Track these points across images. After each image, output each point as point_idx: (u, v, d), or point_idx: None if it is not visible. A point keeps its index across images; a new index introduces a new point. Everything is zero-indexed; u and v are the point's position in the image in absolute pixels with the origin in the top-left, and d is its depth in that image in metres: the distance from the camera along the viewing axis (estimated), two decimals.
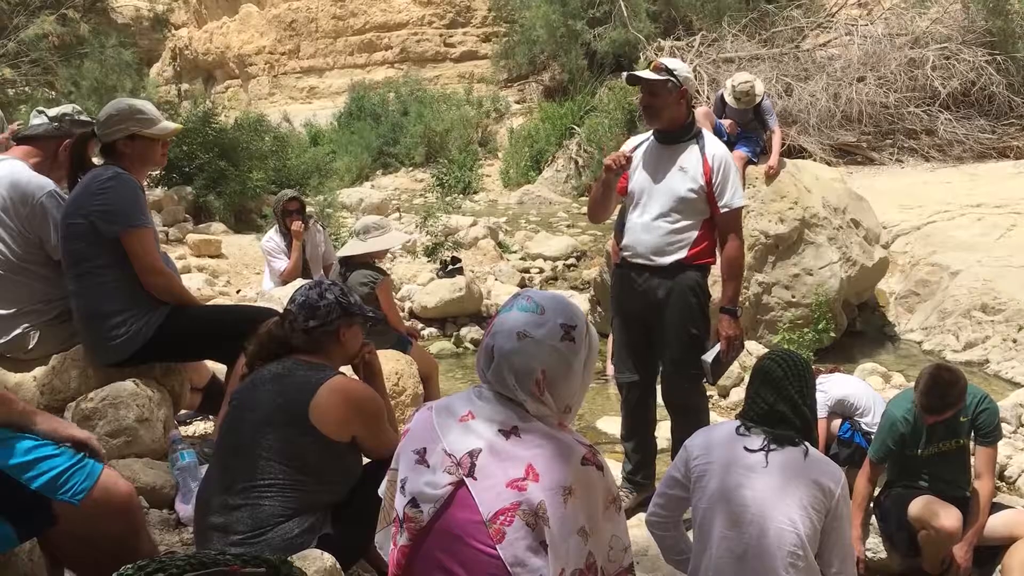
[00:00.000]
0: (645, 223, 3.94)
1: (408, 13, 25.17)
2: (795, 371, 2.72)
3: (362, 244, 5.20)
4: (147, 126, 3.45)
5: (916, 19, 14.58)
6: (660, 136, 4.01)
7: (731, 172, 3.92)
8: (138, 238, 3.32)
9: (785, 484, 2.54)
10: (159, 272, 3.39)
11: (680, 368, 3.99)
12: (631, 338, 4.12)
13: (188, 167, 11.62)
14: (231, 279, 9.08)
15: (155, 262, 3.38)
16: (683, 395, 4.06)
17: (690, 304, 3.93)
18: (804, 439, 2.66)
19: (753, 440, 2.65)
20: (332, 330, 2.70)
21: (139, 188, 3.43)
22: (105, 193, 3.29)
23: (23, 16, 13.85)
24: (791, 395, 2.68)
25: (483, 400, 1.91)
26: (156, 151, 3.55)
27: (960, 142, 12.71)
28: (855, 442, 4.69)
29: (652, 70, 3.90)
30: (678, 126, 3.95)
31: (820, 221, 7.04)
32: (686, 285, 3.91)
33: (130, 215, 3.31)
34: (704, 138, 3.99)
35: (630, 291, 4.04)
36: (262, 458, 2.43)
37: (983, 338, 6.88)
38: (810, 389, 2.75)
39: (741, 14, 16.44)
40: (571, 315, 1.93)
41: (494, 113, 21.27)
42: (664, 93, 3.87)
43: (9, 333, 3.54)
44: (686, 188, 3.86)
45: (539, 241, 10.77)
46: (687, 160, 3.91)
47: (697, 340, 3.98)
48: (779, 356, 2.82)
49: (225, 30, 28.23)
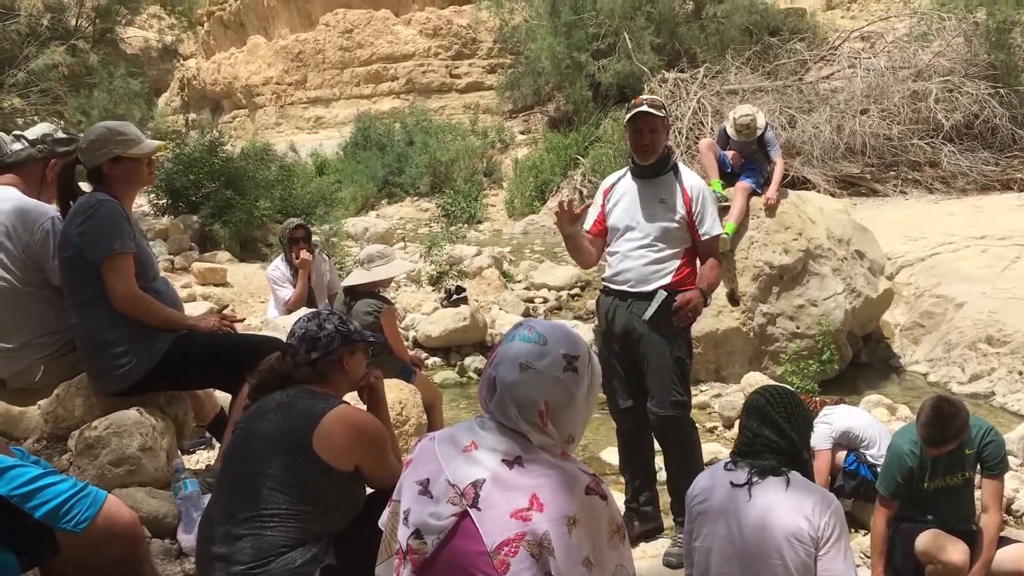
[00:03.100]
0: (628, 253, 4.05)
1: (414, 45, 25.40)
2: (779, 399, 2.75)
3: (366, 273, 5.22)
4: (129, 147, 3.43)
5: (919, 52, 14.66)
6: (639, 171, 4.12)
7: (709, 202, 4.08)
8: (112, 266, 3.27)
9: (767, 517, 2.54)
10: (135, 297, 3.30)
11: (664, 395, 4.01)
12: (621, 364, 4.16)
13: (195, 196, 11.67)
14: (236, 307, 9.09)
15: (127, 289, 3.28)
16: (668, 424, 4.06)
17: (671, 327, 3.98)
18: (792, 464, 2.65)
19: (739, 474, 2.67)
20: (335, 359, 2.71)
21: (120, 213, 3.36)
22: (86, 223, 3.29)
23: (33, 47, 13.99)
24: (776, 420, 2.70)
25: (486, 430, 1.91)
26: (142, 171, 3.54)
27: (964, 174, 12.72)
28: (860, 474, 4.67)
29: (649, 107, 3.99)
30: (658, 160, 4.06)
31: (824, 252, 7.04)
32: (669, 309, 3.96)
33: (104, 244, 3.26)
34: (680, 170, 4.11)
35: (615, 317, 4.11)
36: (265, 487, 2.42)
37: (989, 370, 6.86)
38: (798, 416, 2.75)
39: (744, 47, 16.58)
40: (574, 345, 1.93)
41: (499, 143, 21.38)
42: (663, 129, 4.05)
43: (17, 366, 3.55)
44: (668, 219, 3.99)
45: (543, 271, 10.77)
46: (666, 192, 4.03)
47: (680, 364, 4.03)
48: (764, 388, 2.89)
49: (233, 61, 28.50)
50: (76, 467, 3.27)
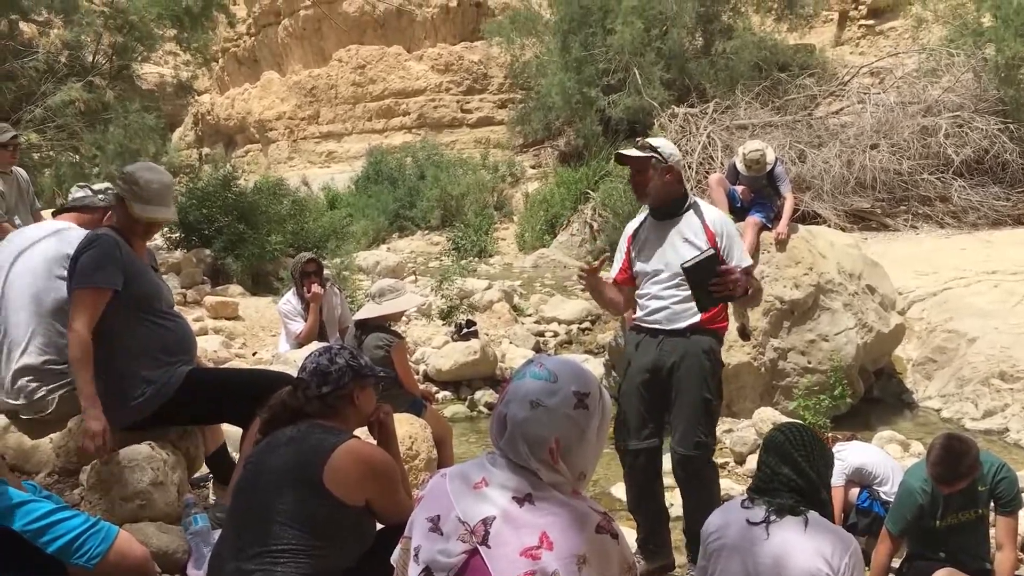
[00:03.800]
0: (658, 294, 4.01)
1: (426, 80, 25.64)
2: (799, 438, 2.72)
3: (377, 307, 5.24)
4: (135, 199, 3.43)
5: (928, 88, 14.71)
6: (656, 213, 4.12)
7: (734, 235, 4.04)
8: (81, 297, 3.28)
9: (784, 556, 2.51)
10: (73, 330, 3.25)
11: (688, 435, 3.93)
12: (642, 402, 4.06)
13: (207, 230, 11.76)
14: (247, 341, 9.11)
15: (83, 326, 3.25)
16: (688, 463, 3.97)
17: (703, 366, 3.94)
18: (811, 504, 2.63)
19: (756, 512, 2.64)
20: (346, 394, 2.72)
21: (113, 249, 3.35)
22: (81, 256, 3.34)
23: (51, 83, 14.18)
24: (795, 459, 2.67)
25: (497, 467, 1.91)
26: (137, 228, 3.51)
27: (975, 209, 12.72)
28: (874, 511, 4.63)
29: (639, 149, 4.01)
30: (671, 201, 4.05)
31: (835, 287, 7.04)
32: (700, 348, 3.94)
33: (84, 276, 3.29)
34: (700, 207, 4.08)
35: (644, 353, 4.05)
36: (276, 522, 2.42)
37: (1002, 406, 6.81)
38: (818, 456, 2.72)
39: (754, 82, 16.66)
40: (584, 382, 1.93)
41: (510, 177, 21.49)
42: (648, 170, 3.98)
43: (33, 395, 3.58)
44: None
45: (554, 305, 10.79)
46: (689, 230, 4.00)
47: (708, 405, 3.95)
48: (784, 425, 2.86)
49: (247, 96, 28.81)
50: (87, 501, 3.27)
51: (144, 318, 3.43)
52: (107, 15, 16.43)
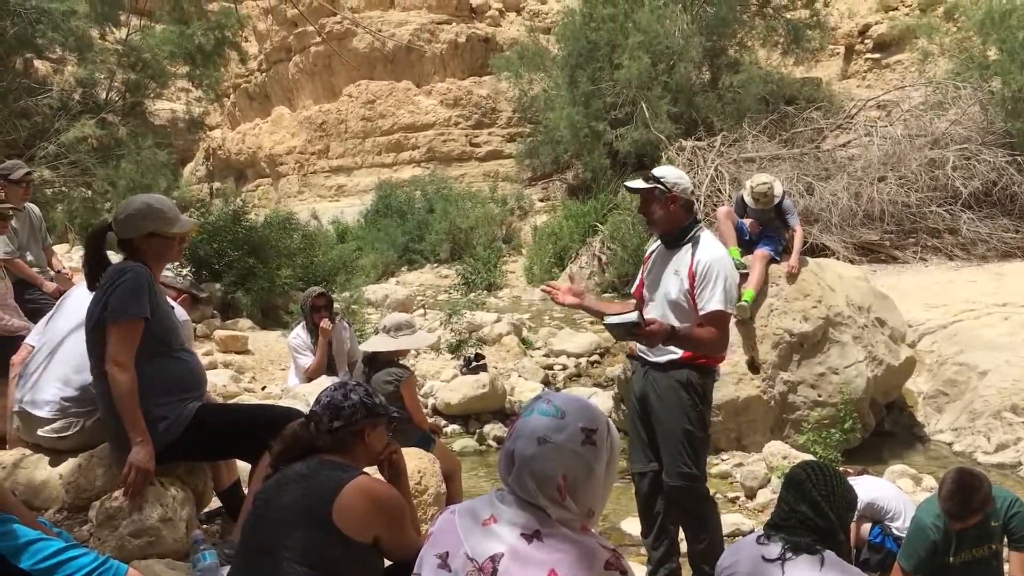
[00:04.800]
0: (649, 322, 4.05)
1: (435, 114, 25.85)
2: (820, 476, 2.70)
3: (392, 341, 5.23)
4: (168, 225, 3.48)
5: (935, 120, 14.77)
6: (663, 240, 4.18)
7: (714, 277, 3.90)
8: (118, 329, 3.27)
9: None
10: (118, 364, 3.24)
11: (671, 465, 4.02)
12: (643, 428, 4.20)
13: (217, 264, 11.83)
14: (256, 375, 9.13)
15: (118, 355, 3.24)
16: (677, 493, 4.05)
17: (681, 400, 3.97)
18: (827, 544, 2.60)
19: (771, 548, 2.62)
20: (357, 430, 2.72)
21: (146, 280, 3.37)
22: (114, 291, 3.31)
23: (64, 120, 14.36)
24: (813, 497, 2.65)
25: (505, 503, 1.91)
26: (173, 248, 3.58)
27: (984, 241, 12.71)
28: (886, 547, 4.59)
29: (644, 180, 4.09)
30: (675, 230, 4.08)
31: (844, 320, 7.02)
32: (677, 380, 3.99)
33: (119, 308, 3.28)
34: (700, 242, 4.03)
35: (636, 382, 4.23)
36: (284, 559, 2.41)
37: (1015, 440, 6.75)
38: (838, 496, 2.70)
39: (761, 115, 16.74)
40: (592, 418, 1.93)
41: (518, 211, 21.58)
42: (652, 200, 4.04)
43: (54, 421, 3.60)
44: (676, 291, 3.99)
45: (563, 338, 10.78)
46: (680, 263, 4.04)
47: (689, 436, 3.98)
48: (806, 463, 2.84)
49: (257, 131, 29.08)
50: (96, 538, 3.26)
51: (160, 351, 3.44)
52: (120, 53, 16.69)
